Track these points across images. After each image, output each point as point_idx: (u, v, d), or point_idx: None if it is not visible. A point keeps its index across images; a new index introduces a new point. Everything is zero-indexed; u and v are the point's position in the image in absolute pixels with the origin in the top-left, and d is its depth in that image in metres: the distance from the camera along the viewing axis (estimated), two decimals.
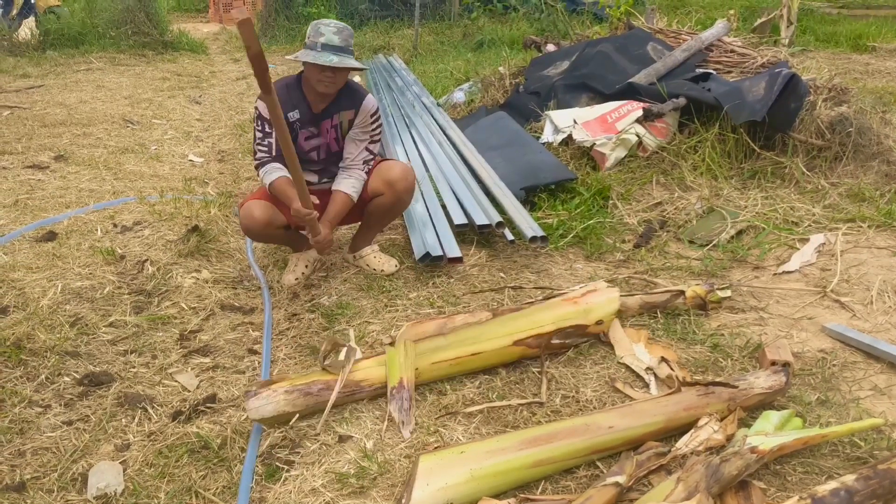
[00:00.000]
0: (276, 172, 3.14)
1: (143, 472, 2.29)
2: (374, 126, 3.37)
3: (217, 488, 2.21)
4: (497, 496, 2.05)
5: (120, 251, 3.68)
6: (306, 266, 3.57)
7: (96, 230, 3.94)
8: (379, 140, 3.43)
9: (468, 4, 10.58)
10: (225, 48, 10.82)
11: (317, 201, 3.12)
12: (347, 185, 3.30)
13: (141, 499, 2.16)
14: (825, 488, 2.01)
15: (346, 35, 3.10)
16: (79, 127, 6.03)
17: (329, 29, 3.06)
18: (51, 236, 3.84)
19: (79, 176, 4.86)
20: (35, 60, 8.90)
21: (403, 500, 2.02)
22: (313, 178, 3.42)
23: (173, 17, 12.80)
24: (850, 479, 2.06)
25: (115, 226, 4.01)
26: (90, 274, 3.46)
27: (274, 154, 3.18)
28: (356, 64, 3.15)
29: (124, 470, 2.29)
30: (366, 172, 3.36)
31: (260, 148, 3.20)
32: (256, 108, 3.20)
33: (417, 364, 2.58)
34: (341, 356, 2.61)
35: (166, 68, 8.94)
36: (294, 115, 3.23)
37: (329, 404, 2.45)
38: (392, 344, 2.77)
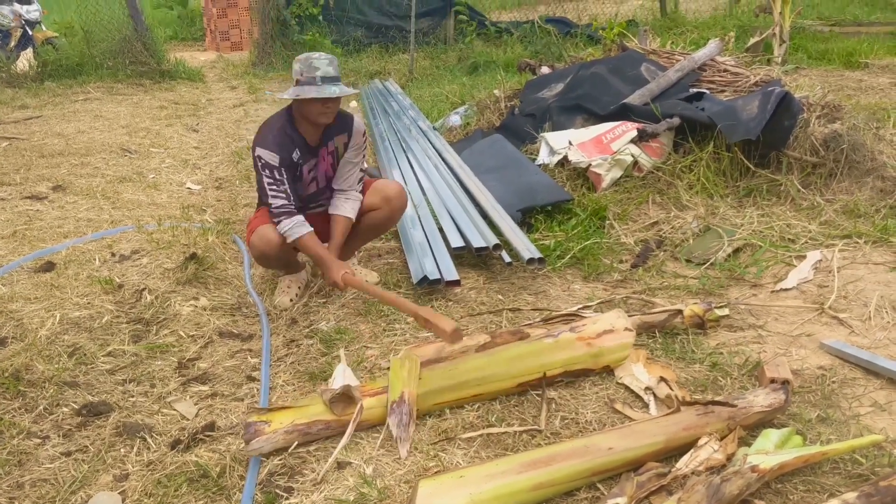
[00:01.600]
0: (302, 228, 3.23)
1: (143, 501, 2.28)
2: (365, 146, 3.54)
3: None
4: None
5: (118, 280, 3.68)
6: (299, 287, 3.63)
7: (94, 259, 3.94)
8: (366, 155, 3.60)
9: (463, 28, 10.67)
10: (222, 76, 10.89)
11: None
12: (348, 208, 3.46)
13: None
14: None
15: (336, 63, 3.23)
16: (77, 157, 6.05)
17: (322, 62, 3.15)
18: (49, 267, 3.84)
19: (77, 206, 4.87)
20: (33, 91, 8.95)
21: None
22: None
23: (170, 46, 12.88)
24: (851, 496, 2.06)
25: (113, 255, 4.01)
26: (88, 303, 3.46)
27: (291, 201, 3.24)
28: (352, 90, 3.27)
29: (123, 500, 2.28)
30: (360, 192, 3.52)
31: (277, 195, 3.22)
32: (259, 157, 3.22)
33: (419, 405, 2.56)
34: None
35: (164, 97, 8.99)
36: (296, 154, 3.30)
37: (331, 459, 2.42)
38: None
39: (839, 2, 11.86)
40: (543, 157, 5.00)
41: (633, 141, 4.70)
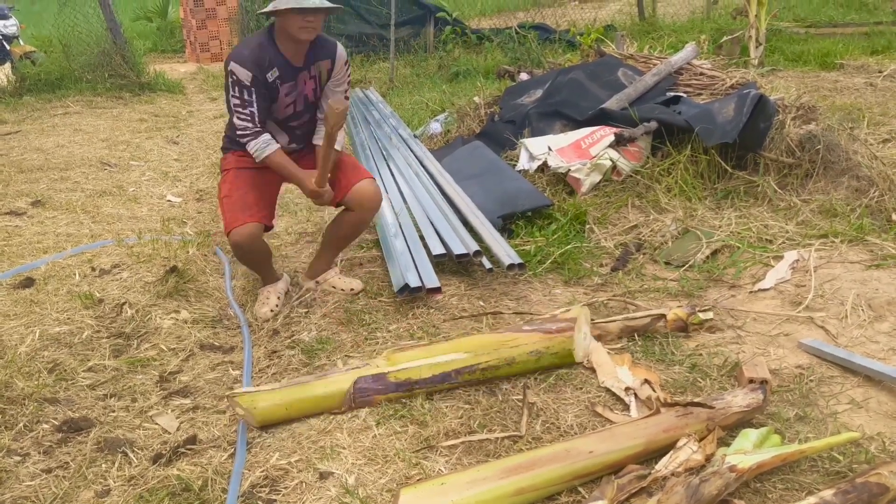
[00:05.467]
0: (271, 146, 3.17)
1: None
2: (349, 75, 3.44)
3: None
4: None
5: (98, 295, 3.67)
6: (278, 298, 3.59)
7: (74, 275, 3.92)
8: (350, 81, 3.50)
9: (444, 39, 10.70)
10: (202, 87, 10.86)
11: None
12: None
13: None
14: None
15: None
16: (56, 171, 6.02)
17: None
18: (28, 283, 3.82)
19: (56, 221, 4.85)
20: (11, 106, 8.88)
21: None
22: (283, 139, 3.38)
23: (150, 57, 12.84)
24: (828, 493, 2.08)
25: (93, 269, 3.99)
26: (68, 319, 3.45)
27: (258, 123, 3.15)
28: (333, 4, 3.11)
29: None
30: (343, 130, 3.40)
31: (242, 117, 3.12)
32: (232, 71, 3.09)
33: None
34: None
35: (143, 109, 8.96)
36: (273, 73, 3.16)
37: None
38: None
39: (815, 4, 11.97)
40: (523, 162, 5.02)
41: (611, 145, 4.73)
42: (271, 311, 3.53)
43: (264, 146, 3.17)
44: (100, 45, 9.90)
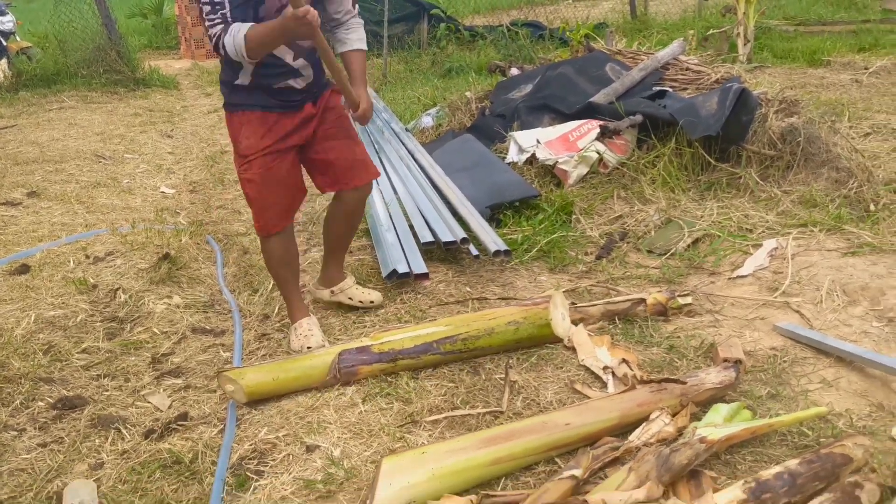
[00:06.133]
0: (241, 30, 2.58)
1: (117, 488, 2.35)
2: None
3: (189, 500, 2.28)
4: (459, 494, 2.14)
5: (92, 281, 3.75)
6: (320, 330, 3.18)
7: (69, 262, 4.00)
8: None
9: (436, 33, 10.78)
10: (197, 83, 10.94)
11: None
12: (355, 39, 2.98)
13: None
14: (769, 472, 2.11)
15: None
16: (51, 164, 6.09)
17: None
18: (24, 269, 3.90)
19: (51, 211, 4.93)
20: (7, 101, 8.96)
21: (368, 502, 2.10)
22: (289, 55, 2.84)
23: (145, 54, 12.90)
24: (793, 463, 2.17)
25: (87, 257, 4.07)
26: (63, 303, 3.53)
27: (230, 19, 2.60)
28: None
29: (98, 487, 2.36)
30: (360, 19, 3.01)
31: (213, 20, 2.59)
32: None
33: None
34: None
35: (138, 104, 9.03)
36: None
37: None
38: None
39: (804, 2, 12.07)
40: (512, 155, 5.11)
41: (598, 138, 4.82)
42: (321, 340, 3.12)
43: (238, 34, 2.58)
44: (95, 41, 9.97)
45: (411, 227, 4.11)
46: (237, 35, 2.57)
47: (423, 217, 4.17)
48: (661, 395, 2.49)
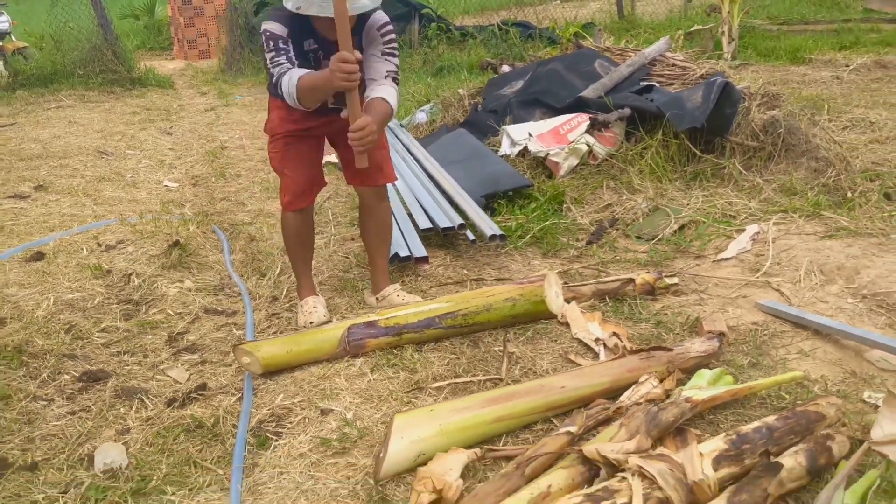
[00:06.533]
0: (293, 77, 2.82)
1: (144, 449, 2.52)
2: (386, 40, 3.06)
3: (213, 458, 2.45)
4: (465, 448, 2.32)
5: (106, 266, 3.91)
6: (325, 308, 3.39)
7: (82, 250, 4.17)
8: (396, 54, 3.11)
9: (429, 35, 10.97)
10: (192, 83, 11.09)
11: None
12: (383, 91, 2.99)
13: (145, 471, 2.40)
14: (749, 427, 2.30)
15: None
16: (55, 159, 6.24)
17: None
18: (39, 256, 4.06)
19: (60, 203, 5.09)
20: (5, 100, 9.09)
21: (381, 454, 2.28)
22: (329, 98, 3.06)
23: (139, 54, 13.05)
24: (771, 419, 2.36)
25: (99, 245, 4.24)
26: (80, 287, 3.69)
27: (292, 64, 2.88)
28: (369, 4, 2.92)
29: (126, 449, 2.52)
30: (393, 84, 3.06)
31: (277, 62, 2.87)
32: (267, 30, 2.90)
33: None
34: None
35: (135, 103, 9.18)
36: (309, 44, 2.97)
37: None
38: None
39: (788, 2, 12.34)
40: (505, 148, 5.30)
41: (588, 131, 5.02)
42: (325, 315, 3.33)
43: (288, 82, 2.83)
44: (91, 41, 10.14)
45: (410, 215, 4.29)
46: (292, 80, 2.82)
47: (421, 206, 4.35)
48: (649, 361, 2.69)
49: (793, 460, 2.15)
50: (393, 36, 3.10)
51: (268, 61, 2.94)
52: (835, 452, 2.24)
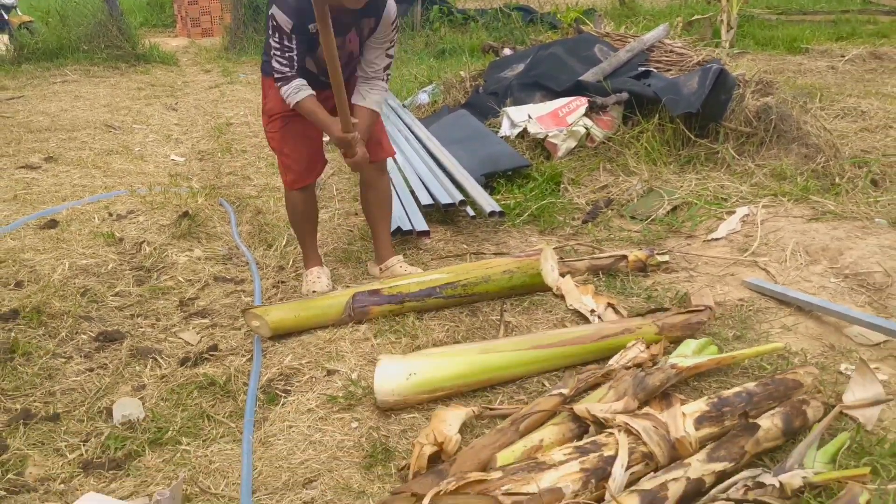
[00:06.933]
0: (303, 91, 3.06)
1: (160, 404, 2.67)
2: (394, 36, 3.25)
3: (226, 413, 2.61)
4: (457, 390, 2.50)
5: (118, 235, 4.05)
6: (328, 278, 3.55)
7: (94, 218, 4.30)
8: (395, 46, 3.31)
9: (431, 18, 11.06)
10: (196, 60, 11.18)
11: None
12: (372, 100, 3.24)
13: (161, 423, 2.55)
14: (730, 391, 2.45)
15: None
16: (63, 132, 6.36)
17: None
18: (52, 224, 4.19)
19: (70, 174, 5.22)
20: (11, 74, 9.18)
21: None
22: (319, 72, 3.18)
23: (142, 31, 13.08)
24: (751, 385, 2.51)
25: (110, 214, 4.37)
26: (93, 254, 3.83)
27: (296, 68, 3.06)
28: None
29: (143, 404, 2.68)
30: (386, 79, 3.30)
31: (280, 61, 3.02)
32: (273, 16, 2.97)
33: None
34: None
35: (140, 79, 9.28)
36: (314, 27, 2.96)
37: None
38: None
39: None
40: (505, 129, 5.43)
41: (586, 114, 5.15)
42: (327, 285, 3.49)
43: (295, 92, 3.07)
44: (96, 17, 10.21)
45: (412, 191, 4.43)
46: (293, 96, 3.06)
47: (423, 182, 4.49)
48: (640, 322, 2.85)
49: (769, 422, 2.30)
50: (398, 29, 3.29)
51: (270, 47, 3.04)
52: (809, 416, 2.39)
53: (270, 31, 3.02)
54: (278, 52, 3.01)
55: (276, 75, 3.08)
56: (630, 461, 2.11)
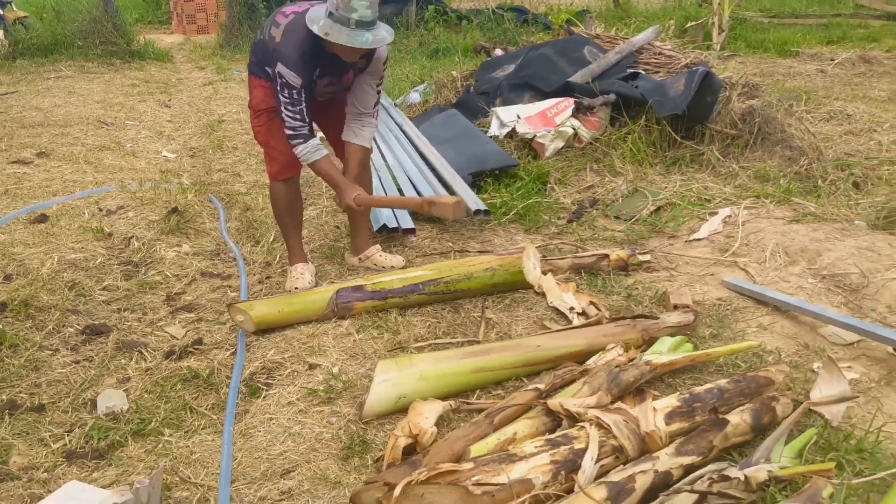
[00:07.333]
0: (318, 152, 3.19)
1: (144, 396, 2.72)
2: (384, 73, 3.40)
3: (208, 405, 2.66)
4: (442, 399, 2.53)
5: (107, 230, 4.10)
6: (312, 275, 3.60)
7: (83, 213, 4.34)
8: (384, 82, 3.46)
9: (426, 17, 11.11)
10: (190, 57, 11.20)
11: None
12: (364, 138, 3.38)
13: (144, 415, 2.60)
14: (702, 388, 2.51)
15: (376, 5, 2.98)
16: (56, 128, 6.40)
17: (362, 4, 2.89)
18: (42, 218, 4.24)
19: (62, 169, 5.25)
20: (6, 69, 9.19)
21: (365, 396, 2.49)
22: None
23: (137, 28, 13.10)
24: (723, 382, 2.57)
25: (100, 210, 4.42)
26: (82, 248, 3.87)
27: (308, 122, 3.15)
28: (388, 37, 3.07)
29: (127, 395, 2.72)
30: (376, 115, 3.45)
31: (292, 117, 3.11)
32: (280, 74, 3.04)
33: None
34: None
35: (134, 76, 9.30)
36: (317, 72, 3.14)
37: None
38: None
39: None
40: (494, 129, 5.48)
41: (573, 114, 5.21)
42: (310, 282, 3.53)
43: (312, 152, 3.19)
44: (91, 13, 10.22)
45: (400, 189, 4.48)
46: (310, 156, 3.21)
47: (411, 181, 4.54)
48: (624, 328, 2.89)
49: (739, 417, 2.36)
50: (387, 67, 3.46)
51: (280, 103, 3.11)
52: (778, 412, 2.45)
53: (278, 88, 3.09)
54: (289, 107, 3.09)
55: (288, 131, 3.16)
56: (600, 454, 2.16)
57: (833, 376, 2.49)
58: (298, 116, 3.12)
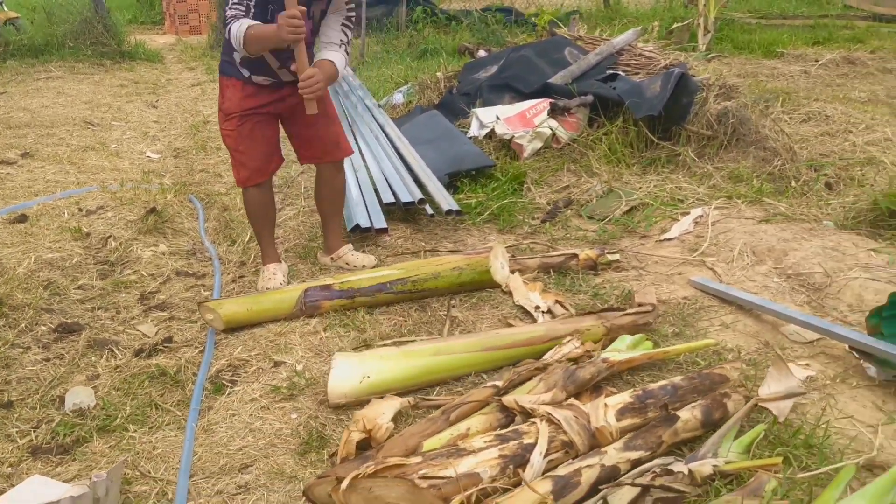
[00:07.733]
0: (243, 26, 3.00)
1: (112, 393, 2.77)
2: (349, 11, 3.31)
3: (173, 402, 2.71)
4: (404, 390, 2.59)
5: (86, 230, 4.14)
6: (284, 276, 3.64)
7: (63, 214, 4.39)
8: (353, 26, 3.36)
9: (415, 18, 11.15)
10: (181, 58, 11.25)
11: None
12: (332, 56, 3.26)
13: (110, 411, 2.65)
14: (656, 384, 2.56)
15: None
16: (42, 128, 6.44)
17: None
18: (22, 218, 4.28)
19: (45, 170, 5.30)
20: None
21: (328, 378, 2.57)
22: (274, 62, 3.24)
23: (130, 28, 13.13)
24: (678, 378, 2.62)
25: (80, 210, 4.46)
26: (59, 248, 3.92)
27: (250, 14, 3.06)
28: None
29: (95, 392, 2.77)
30: (344, 53, 3.32)
31: (235, 6, 3.05)
32: None
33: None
34: None
35: (124, 76, 9.35)
36: (272, 8, 3.08)
37: None
38: None
39: None
40: (474, 130, 5.54)
41: (550, 115, 5.26)
42: (281, 283, 3.55)
43: (239, 29, 3.01)
44: (82, 14, 10.27)
45: (376, 189, 4.53)
46: (241, 27, 3.00)
47: (387, 181, 4.59)
48: (584, 321, 2.95)
49: (689, 413, 2.41)
50: (354, 13, 3.35)
51: (229, 45, 3.14)
52: (730, 408, 2.50)
53: None
54: (235, 2, 3.04)
55: (228, 20, 3.06)
56: (550, 449, 2.21)
57: (781, 373, 2.54)
58: (242, 8, 3.05)
